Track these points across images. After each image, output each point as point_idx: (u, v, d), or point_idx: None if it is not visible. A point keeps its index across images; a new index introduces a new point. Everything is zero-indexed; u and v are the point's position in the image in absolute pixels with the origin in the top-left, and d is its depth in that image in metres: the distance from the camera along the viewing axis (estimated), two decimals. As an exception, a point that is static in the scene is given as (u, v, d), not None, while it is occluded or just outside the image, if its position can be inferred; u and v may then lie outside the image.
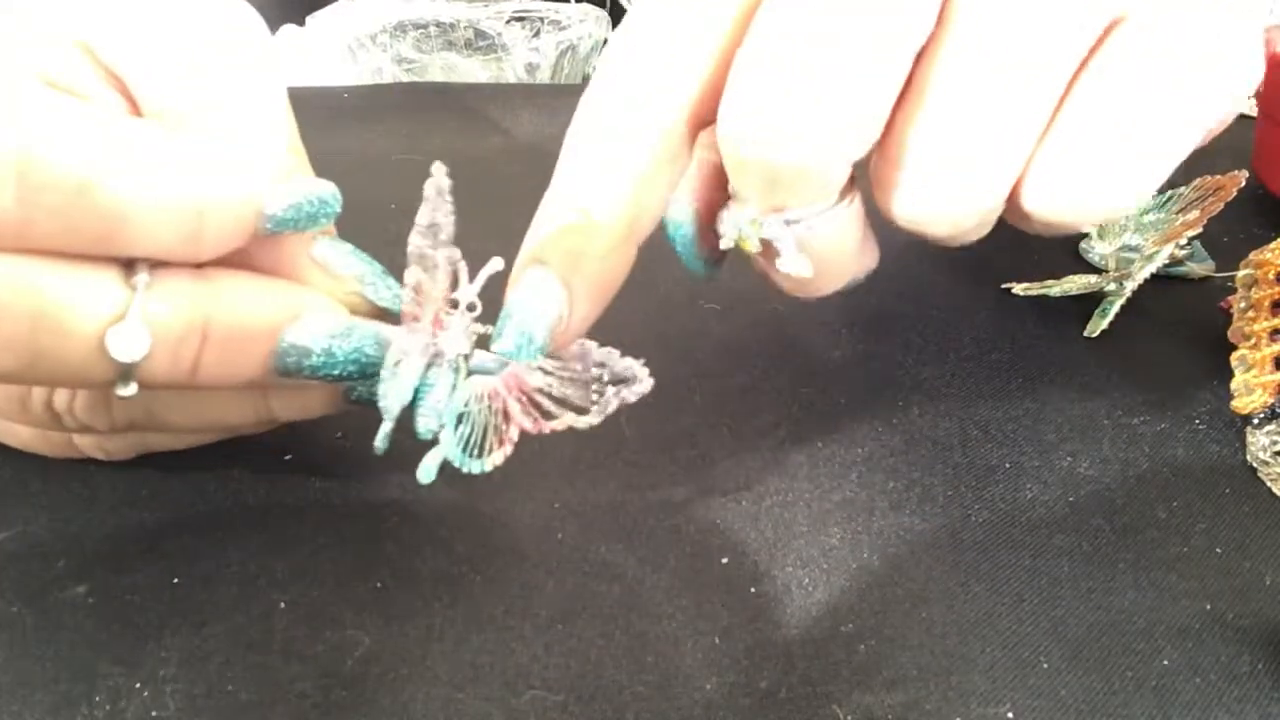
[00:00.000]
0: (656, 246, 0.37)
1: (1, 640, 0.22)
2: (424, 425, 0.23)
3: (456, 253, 0.23)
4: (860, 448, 0.28)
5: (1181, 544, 0.25)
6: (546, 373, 0.24)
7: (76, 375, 0.21)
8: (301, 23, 0.53)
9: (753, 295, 0.35)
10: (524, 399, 0.24)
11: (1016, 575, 0.25)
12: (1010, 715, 0.21)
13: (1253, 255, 0.30)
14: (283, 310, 0.22)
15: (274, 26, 0.50)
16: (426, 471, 0.23)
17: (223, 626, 0.23)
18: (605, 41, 0.45)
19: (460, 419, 0.23)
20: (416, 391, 0.23)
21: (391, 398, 0.23)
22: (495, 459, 0.23)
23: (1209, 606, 0.24)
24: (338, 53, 0.51)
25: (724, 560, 0.25)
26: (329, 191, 0.22)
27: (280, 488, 0.26)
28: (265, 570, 0.24)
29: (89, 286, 0.20)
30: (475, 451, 0.23)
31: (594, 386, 0.23)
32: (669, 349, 0.32)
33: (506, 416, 0.23)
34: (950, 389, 0.31)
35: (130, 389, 0.21)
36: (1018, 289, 0.34)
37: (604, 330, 0.32)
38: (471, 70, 0.52)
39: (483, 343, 0.23)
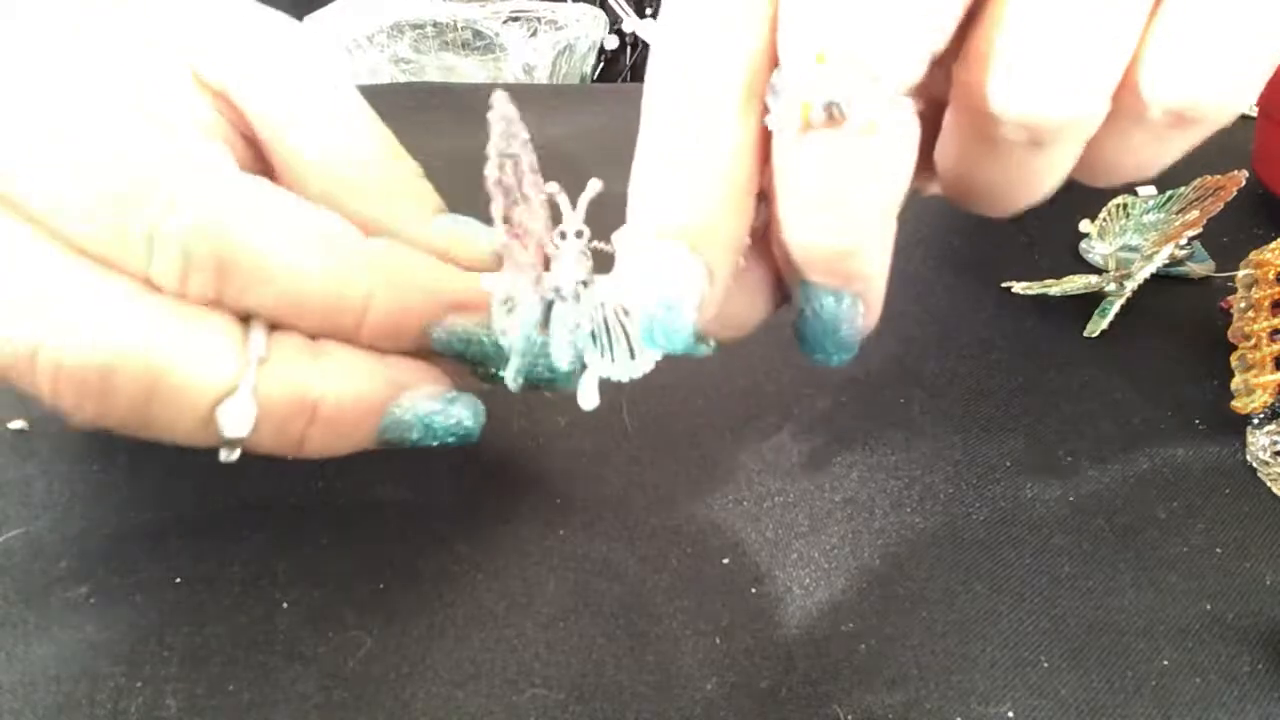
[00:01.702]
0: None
1: (3, 640, 0.22)
2: (562, 362, 0.23)
3: (554, 186, 0.22)
4: (861, 447, 0.28)
5: (1181, 544, 0.25)
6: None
7: (183, 438, 0.21)
8: (300, 20, 0.53)
9: (753, 295, 0.35)
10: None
11: (1017, 574, 0.25)
12: (1010, 714, 0.22)
13: (1253, 255, 0.30)
14: (390, 388, 0.22)
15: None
16: (588, 397, 0.23)
17: (224, 627, 0.23)
18: (601, 42, 0.45)
19: (594, 337, 0.23)
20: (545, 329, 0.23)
21: (513, 335, 0.22)
22: (651, 356, 0.23)
23: (1209, 606, 0.24)
24: (335, 52, 0.51)
25: (725, 560, 0.25)
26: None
27: (282, 488, 0.26)
28: (267, 570, 0.24)
29: (206, 355, 0.20)
30: (625, 357, 0.23)
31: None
32: (670, 349, 0.32)
33: (628, 312, 0.23)
34: (951, 388, 0.31)
35: (234, 455, 0.22)
36: (1018, 288, 0.35)
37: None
38: (469, 70, 0.52)
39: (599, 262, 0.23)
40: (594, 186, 0.22)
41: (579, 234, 0.23)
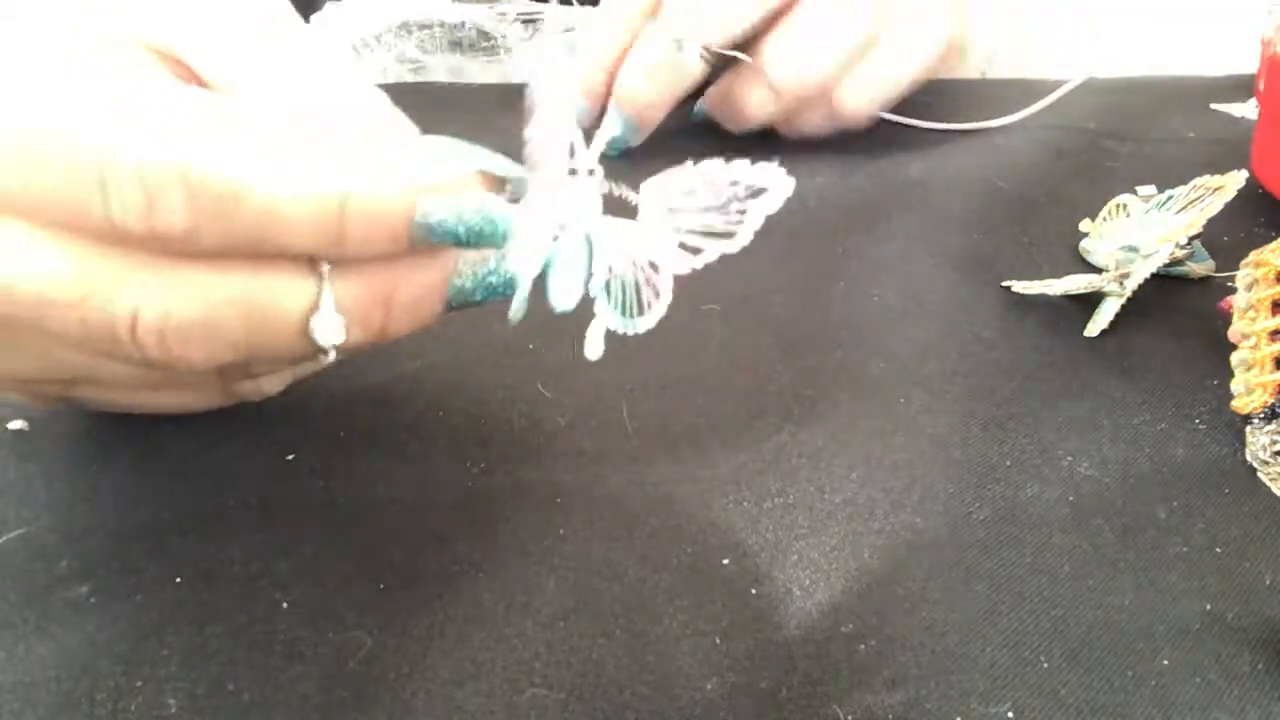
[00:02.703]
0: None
1: (4, 640, 0.22)
2: (560, 300, 0.23)
3: (576, 132, 0.23)
4: (861, 447, 0.28)
5: (1181, 544, 0.25)
6: (676, 211, 0.23)
7: (287, 358, 0.24)
8: (306, 20, 0.53)
9: (754, 296, 0.35)
10: (666, 244, 0.23)
11: (1017, 574, 0.25)
12: (1010, 714, 0.22)
13: (1253, 255, 0.30)
14: (449, 262, 0.23)
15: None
16: (594, 346, 0.23)
17: (225, 626, 0.23)
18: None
19: (607, 285, 0.23)
20: (546, 267, 0.23)
21: (518, 267, 0.22)
22: (656, 312, 0.23)
23: (1209, 606, 0.24)
24: (343, 50, 0.51)
25: (725, 560, 0.25)
26: (500, 212, 0.22)
27: (283, 487, 0.26)
28: (268, 570, 0.24)
29: (284, 285, 0.21)
30: (633, 311, 0.23)
31: (734, 206, 0.23)
32: (671, 350, 0.32)
33: (655, 268, 0.23)
34: (951, 388, 0.31)
35: (330, 357, 0.23)
36: (1018, 287, 0.34)
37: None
38: (475, 71, 0.52)
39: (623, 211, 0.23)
40: (611, 127, 0.23)
41: (590, 172, 0.23)
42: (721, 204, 0.23)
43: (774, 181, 0.23)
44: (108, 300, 0.20)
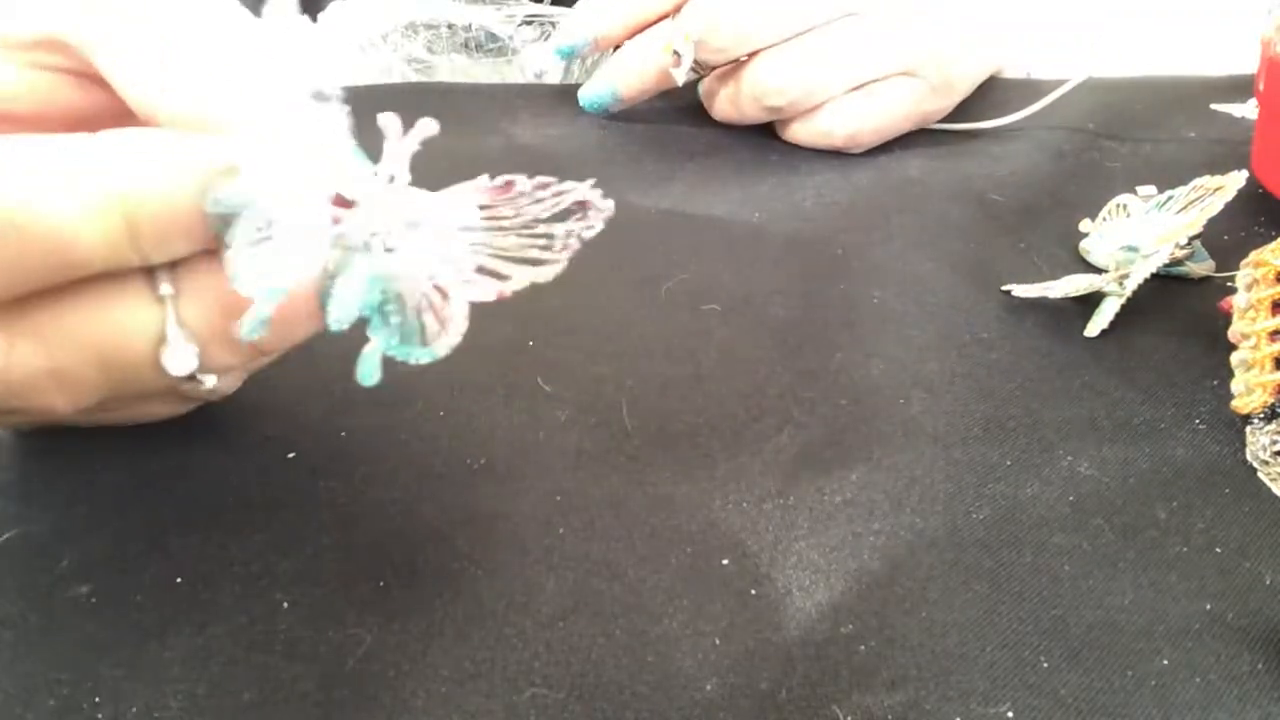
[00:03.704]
0: (657, 249, 0.37)
1: (4, 641, 0.22)
2: (335, 319, 0.20)
3: (389, 116, 0.20)
4: (861, 448, 0.28)
5: (1181, 544, 0.26)
6: (470, 230, 0.21)
7: (157, 390, 0.22)
8: (313, 19, 0.53)
9: (754, 296, 0.35)
10: (461, 268, 0.21)
11: (1017, 574, 0.25)
12: (1010, 714, 0.22)
13: (1253, 255, 0.30)
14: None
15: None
16: (367, 373, 0.21)
17: (225, 627, 0.23)
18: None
19: (382, 307, 0.20)
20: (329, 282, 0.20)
21: (246, 277, 0.19)
22: (446, 341, 0.21)
23: (1209, 606, 0.24)
24: (349, 50, 0.51)
25: (725, 561, 0.25)
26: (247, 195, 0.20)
27: (283, 487, 0.26)
28: (268, 570, 0.24)
29: (127, 319, 0.20)
30: (414, 339, 0.21)
31: (539, 227, 0.21)
32: (671, 350, 0.32)
33: (443, 293, 0.21)
34: (951, 388, 0.31)
35: (210, 381, 0.22)
36: (1017, 290, 0.34)
37: (606, 329, 0.33)
38: (481, 72, 0.52)
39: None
40: (425, 128, 0.20)
41: (391, 179, 0.20)
42: (522, 224, 0.21)
43: (589, 201, 0.21)
44: None
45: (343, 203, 0.20)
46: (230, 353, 0.22)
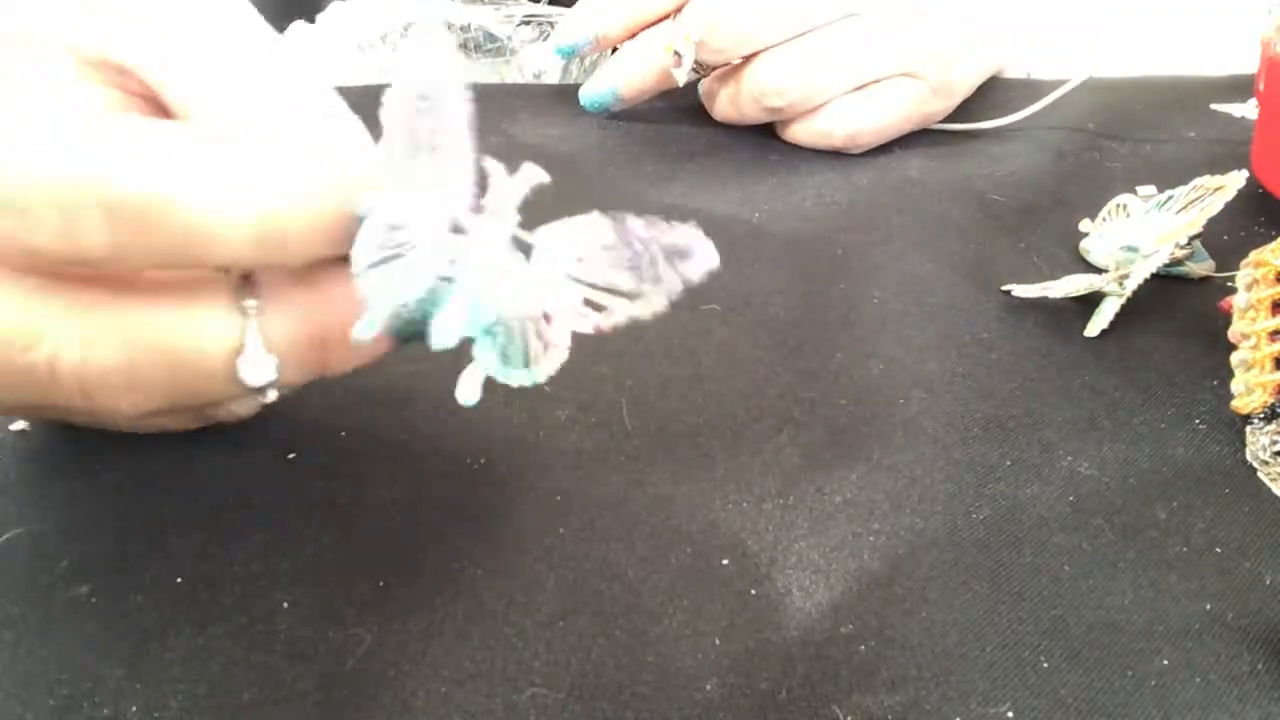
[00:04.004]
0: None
1: (4, 640, 0.22)
2: (439, 339, 0.21)
3: (494, 163, 0.21)
4: (861, 448, 0.28)
5: (1181, 544, 0.26)
6: (583, 262, 0.22)
7: (219, 400, 0.22)
8: (312, 20, 0.53)
9: (754, 297, 0.35)
10: (566, 298, 0.22)
11: (1017, 574, 0.25)
12: (1010, 715, 0.22)
13: (1253, 255, 0.30)
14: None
15: (281, 24, 0.50)
16: (469, 392, 0.21)
17: (225, 627, 0.23)
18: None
19: (491, 330, 0.21)
20: (431, 301, 0.21)
21: (373, 284, 0.20)
22: (547, 368, 0.22)
23: (1209, 606, 0.24)
24: (347, 51, 0.51)
25: (725, 561, 0.25)
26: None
27: (284, 487, 0.26)
28: (269, 570, 0.24)
29: (208, 324, 0.21)
30: (518, 361, 0.21)
31: (647, 267, 0.22)
32: (671, 350, 0.32)
33: (548, 319, 0.22)
34: (951, 388, 0.31)
35: (271, 396, 0.22)
36: (1018, 290, 0.34)
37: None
38: (480, 73, 0.52)
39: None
40: (533, 175, 0.21)
41: (503, 217, 0.21)
42: (633, 263, 0.22)
43: (696, 247, 0.21)
44: (27, 345, 0.20)
45: (458, 229, 0.21)
46: (302, 369, 0.22)
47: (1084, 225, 0.38)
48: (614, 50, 0.46)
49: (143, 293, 0.21)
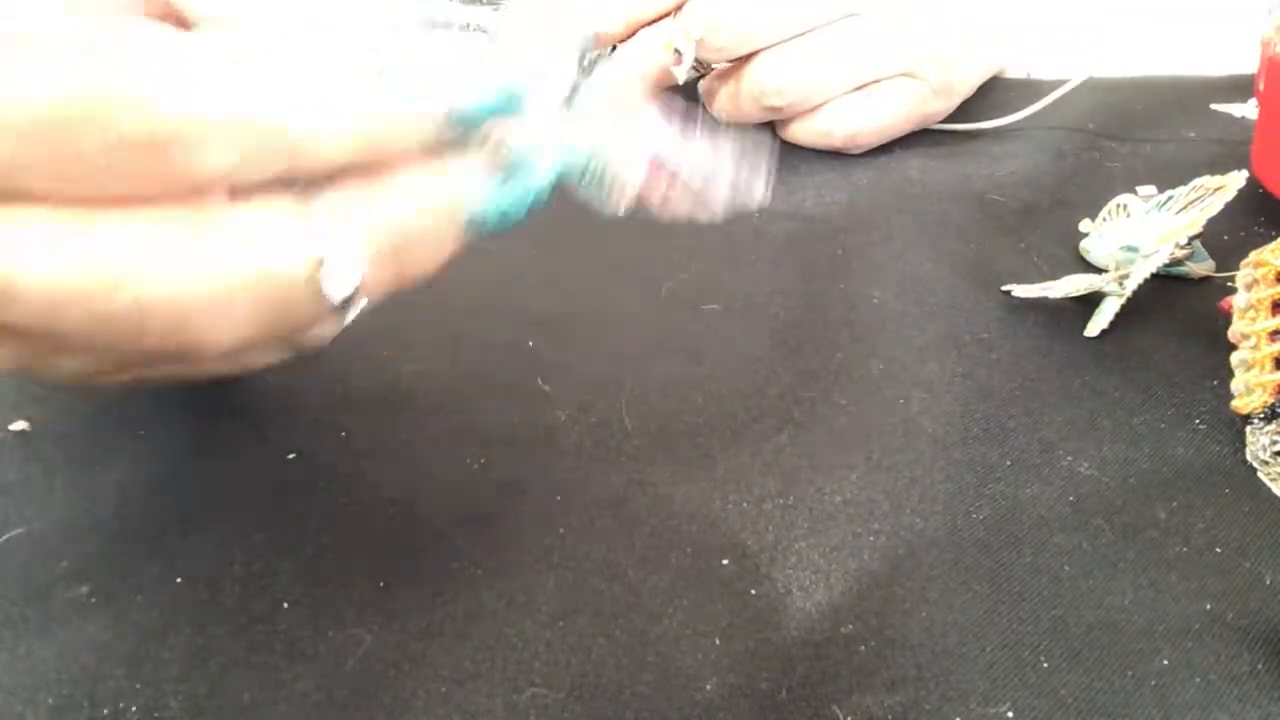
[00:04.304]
0: (657, 249, 0.37)
1: (4, 640, 0.22)
2: (618, 191, 0.23)
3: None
4: (861, 448, 0.28)
5: (1181, 544, 0.25)
6: (658, 131, 0.24)
7: (305, 324, 0.22)
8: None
9: (754, 297, 0.35)
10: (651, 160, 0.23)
11: (1017, 574, 0.25)
12: (1010, 715, 0.22)
13: (1253, 255, 0.30)
14: (460, 186, 0.22)
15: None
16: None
17: (225, 627, 0.23)
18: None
19: (590, 162, 0.23)
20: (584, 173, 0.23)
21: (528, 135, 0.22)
22: (621, 202, 0.23)
23: (1209, 606, 0.24)
24: None
25: (725, 561, 0.25)
26: (515, 83, 0.22)
27: (284, 488, 0.26)
28: (269, 570, 0.24)
29: (287, 241, 0.21)
30: (606, 191, 0.23)
31: (712, 181, 0.23)
32: (671, 350, 0.32)
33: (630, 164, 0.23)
34: (951, 388, 0.31)
35: (352, 314, 0.22)
36: (1018, 290, 0.34)
37: (607, 329, 0.33)
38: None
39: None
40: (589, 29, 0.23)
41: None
42: (704, 169, 0.23)
43: (755, 190, 0.23)
44: (112, 290, 0.20)
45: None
46: (381, 277, 0.22)
47: (1084, 225, 0.38)
48: (614, 48, 0.46)
49: (218, 219, 0.21)
